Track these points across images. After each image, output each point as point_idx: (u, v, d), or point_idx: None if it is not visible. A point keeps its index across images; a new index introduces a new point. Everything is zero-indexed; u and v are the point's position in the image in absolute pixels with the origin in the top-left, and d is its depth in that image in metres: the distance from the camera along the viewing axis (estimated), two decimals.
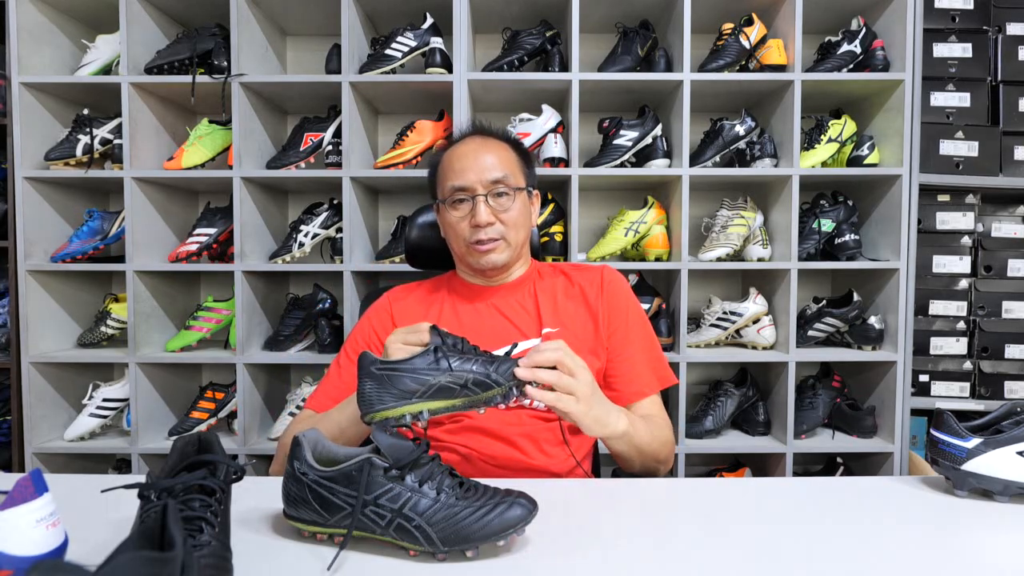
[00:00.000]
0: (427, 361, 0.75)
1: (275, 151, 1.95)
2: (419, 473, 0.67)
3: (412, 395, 0.74)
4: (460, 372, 0.75)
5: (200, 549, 0.56)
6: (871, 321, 1.85)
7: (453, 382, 0.75)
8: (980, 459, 0.81)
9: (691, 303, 1.96)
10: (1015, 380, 1.89)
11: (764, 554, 0.67)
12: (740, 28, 1.81)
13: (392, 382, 0.74)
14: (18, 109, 1.77)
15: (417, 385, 0.74)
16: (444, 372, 0.74)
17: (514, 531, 0.64)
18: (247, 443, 1.82)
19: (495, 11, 1.92)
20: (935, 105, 1.90)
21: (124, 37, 1.76)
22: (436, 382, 0.74)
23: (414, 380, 0.74)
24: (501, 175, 1.05)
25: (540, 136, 1.86)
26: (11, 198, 1.80)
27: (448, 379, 0.74)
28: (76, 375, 1.95)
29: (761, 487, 0.90)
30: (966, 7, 1.89)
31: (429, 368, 0.75)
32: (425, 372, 0.75)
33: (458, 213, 1.06)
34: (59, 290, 1.91)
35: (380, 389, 0.75)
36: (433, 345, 0.76)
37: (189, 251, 1.83)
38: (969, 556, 0.67)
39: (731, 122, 1.85)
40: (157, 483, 0.59)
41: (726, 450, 1.88)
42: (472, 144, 1.09)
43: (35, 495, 0.57)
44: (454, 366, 0.75)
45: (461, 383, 0.75)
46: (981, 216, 1.93)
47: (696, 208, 1.99)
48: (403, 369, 0.75)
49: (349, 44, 1.76)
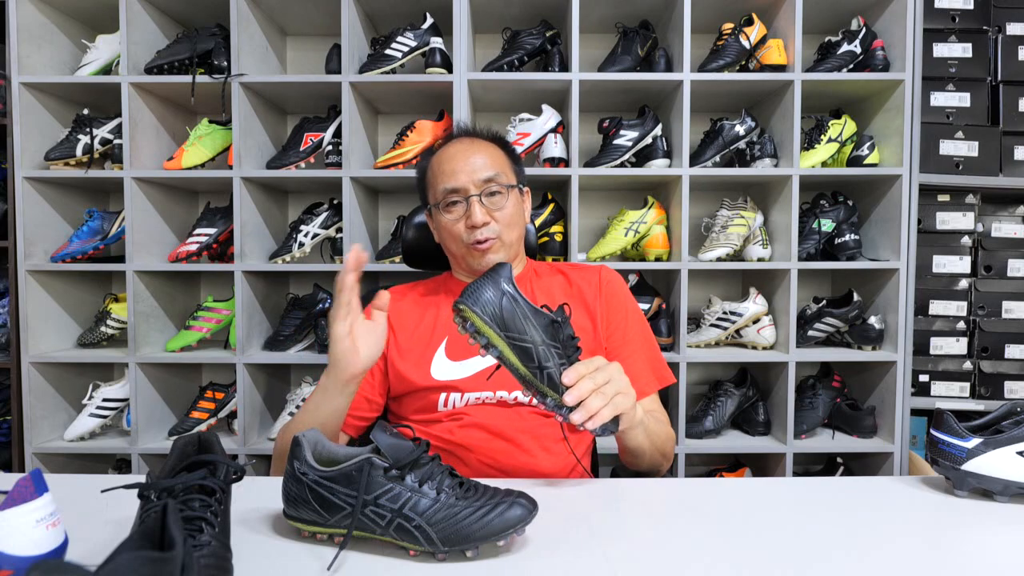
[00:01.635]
0: (542, 321, 0.77)
1: (275, 151, 1.95)
2: (419, 473, 0.67)
3: (504, 325, 0.76)
4: (547, 354, 0.76)
5: (200, 549, 0.55)
6: (871, 321, 1.85)
7: (537, 353, 0.76)
8: (980, 459, 0.81)
9: (691, 303, 1.96)
10: (1015, 380, 1.89)
11: (764, 554, 0.67)
12: (740, 28, 1.81)
13: (514, 306, 0.76)
14: (18, 109, 1.77)
15: (519, 322, 0.76)
16: (540, 342, 0.76)
17: (514, 531, 0.64)
18: (247, 443, 1.82)
19: (495, 11, 1.92)
20: (935, 105, 1.90)
21: (124, 37, 1.76)
22: (529, 336, 0.76)
23: (522, 320, 0.76)
24: (492, 174, 1.05)
25: (540, 136, 1.86)
26: (11, 198, 1.80)
27: (539, 347, 0.76)
28: (76, 375, 1.95)
29: (761, 487, 0.90)
30: (966, 7, 1.89)
31: (539, 325, 0.76)
32: (533, 323, 0.76)
33: (452, 215, 1.06)
34: (59, 290, 1.91)
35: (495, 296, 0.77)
36: (559, 316, 0.77)
37: (189, 251, 1.83)
38: (969, 556, 0.67)
39: (731, 122, 1.85)
40: (157, 483, 0.59)
41: (726, 450, 1.88)
42: (460, 145, 1.09)
43: (35, 495, 0.57)
44: (552, 350, 0.76)
45: (538, 365, 0.77)
46: (981, 216, 1.93)
47: (696, 208, 1.99)
48: (520, 305, 0.76)
49: (349, 44, 1.76)
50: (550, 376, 0.77)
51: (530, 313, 0.77)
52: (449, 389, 1.03)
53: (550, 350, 0.77)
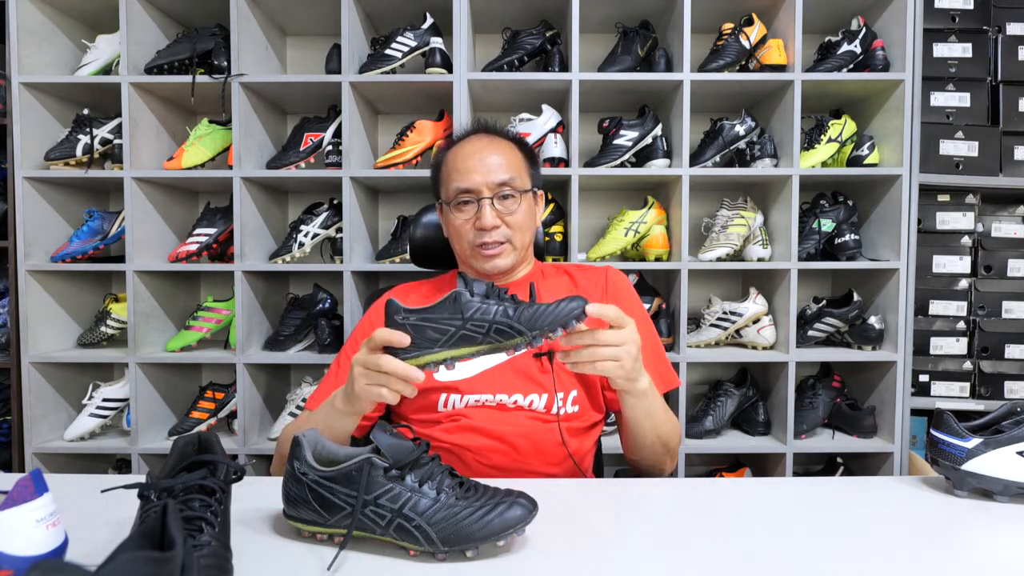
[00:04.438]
0: (447, 310, 0.75)
1: (275, 151, 1.95)
2: (419, 473, 0.67)
3: (435, 344, 0.74)
4: (480, 320, 0.74)
5: (200, 549, 0.56)
6: (871, 321, 1.85)
7: (474, 330, 0.74)
8: (980, 459, 0.81)
9: (691, 303, 1.96)
10: (1015, 380, 1.89)
11: (764, 554, 0.67)
12: (740, 28, 1.81)
13: (416, 331, 0.75)
14: (18, 109, 1.77)
15: (438, 334, 0.74)
16: (464, 321, 0.74)
17: (514, 531, 0.64)
18: (247, 443, 1.82)
19: (495, 11, 1.92)
20: (935, 105, 1.90)
21: (124, 37, 1.76)
22: (456, 330, 0.74)
23: (435, 329, 0.75)
24: (507, 177, 1.04)
25: (540, 136, 1.86)
26: (11, 198, 1.80)
27: (470, 327, 0.74)
28: (76, 375, 1.94)
29: (761, 487, 0.90)
30: (966, 7, 1.89)
31: (451, 317, 0.75)
32: (447, 321, 0.75)
33: (463, 215, 1.05)
34: (59, 290, 1.91)
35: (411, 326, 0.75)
36: (453, 294, 0.76)
37: (189, 251, 1.83)
38: (969, 556, 0.67)
39: (731, 122, 1.85)
40: (157, 483, 0.59)
41: (726, 450, 1.88)
42: (477, 144, 1.08)
43: (35, 495, 0.57)
44: (473, 315, 0.74)
45: (483, 330, 0.74)
46: (981, 216, 1.93)
47: (696, 208, 1.99)
48: (425, 318, 0.75)
49: (349, 44, 1.76)
50: (500, 330, 0.75)
51: (434, 315, 0.75)
52: (449, 390, 1.03)
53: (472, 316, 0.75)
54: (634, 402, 0.92)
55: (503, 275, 1.11)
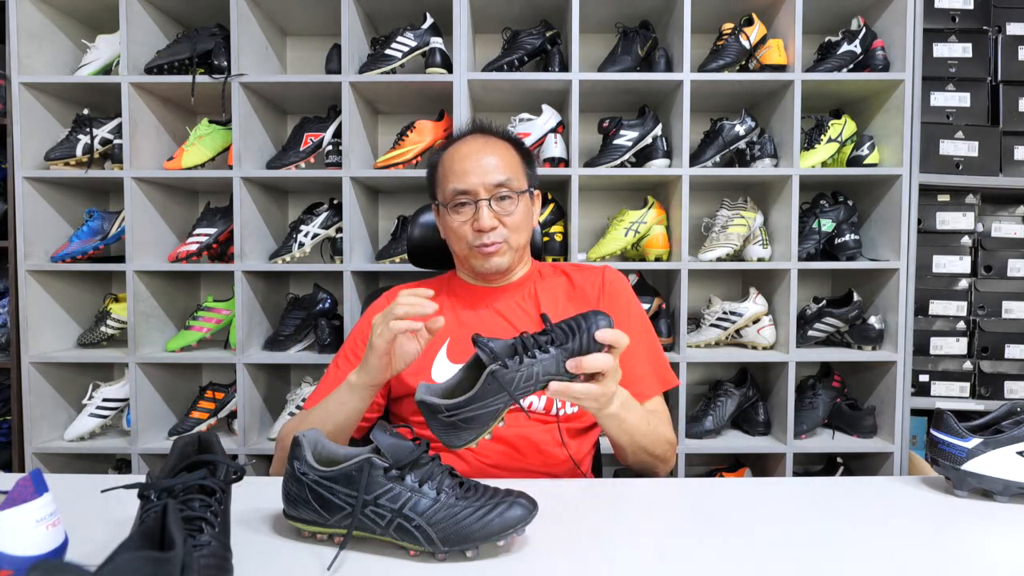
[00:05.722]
0: (490, 392, 0.74)
1: (275, 151, 1.95)
2: (419, 473, 0.67)
3: (491, 421, 0.75)
4: (524, 389, 0.75)
5: (200, 549, 0.56)
6: (871, 321, 1.85)
7: (521, 395, 0.75)
8: (980, 459, 0.81)
9: (691, 303, 1.96)
10: (1015, 380, 1.89)
11: (764, 554, 0.67)
12: (740, 28, 1.81)
13: (467, 423, 0.74)
14: (18, 109, 1.77)
15: (491, 417, 0.75)
16: (511, 396, 0.74)
17: (514, 531, 0.64)
18: (247, 443, 1.82)
19: (495, 11, 1.92)
20: (935, 105, 1.90)
21: (124, 37, 1.76)
22: (504, 405, 0.75)
23: (487, 414, 0.75)
24: (504, 178, 1.03)
25: (540, 136, 1.86)
26: (11, 198, 1.80)
27: (518, 394, 0.75)
28: (76, 375, 1.94)
29: (761, 487, 0.90)
30: (966, 7, 1.89)
31: (496, 397, 0.74)
32: (494, 401, 0.74)
33: (460, 217, 1.05)
34: (59, 290, 1.91)
35: (454, 431, 0.75)
36: (490, 373, 0.75)
37: (189, 251, 1.83)
38: (969, 556, 0.67)
39: (731, 122, 1.85)
40: (157, 483, 0.59)
41: (726, 450, 1.88)
42: (474, 144, 1.07)
43: (35, 495, 0.57)
44: (518, 385, 0.75)
45: (531, 390, 0.76)
46: (981, 216, 1.93)
47: (696, 208, 1.99)
48: (473, 408, 0.74)
49: (349, 44, 1.76)
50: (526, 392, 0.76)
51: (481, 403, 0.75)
52: None
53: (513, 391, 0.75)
54: (606, 422, 0.91)
55: (501, 275, 1.11)
